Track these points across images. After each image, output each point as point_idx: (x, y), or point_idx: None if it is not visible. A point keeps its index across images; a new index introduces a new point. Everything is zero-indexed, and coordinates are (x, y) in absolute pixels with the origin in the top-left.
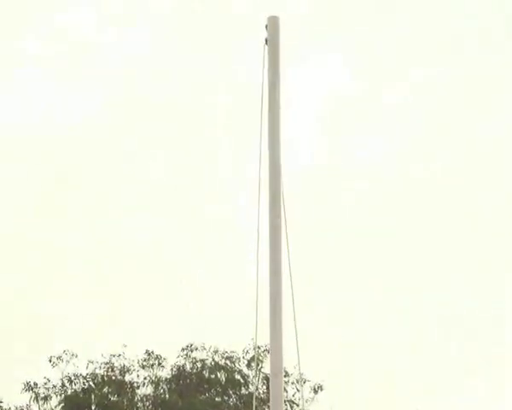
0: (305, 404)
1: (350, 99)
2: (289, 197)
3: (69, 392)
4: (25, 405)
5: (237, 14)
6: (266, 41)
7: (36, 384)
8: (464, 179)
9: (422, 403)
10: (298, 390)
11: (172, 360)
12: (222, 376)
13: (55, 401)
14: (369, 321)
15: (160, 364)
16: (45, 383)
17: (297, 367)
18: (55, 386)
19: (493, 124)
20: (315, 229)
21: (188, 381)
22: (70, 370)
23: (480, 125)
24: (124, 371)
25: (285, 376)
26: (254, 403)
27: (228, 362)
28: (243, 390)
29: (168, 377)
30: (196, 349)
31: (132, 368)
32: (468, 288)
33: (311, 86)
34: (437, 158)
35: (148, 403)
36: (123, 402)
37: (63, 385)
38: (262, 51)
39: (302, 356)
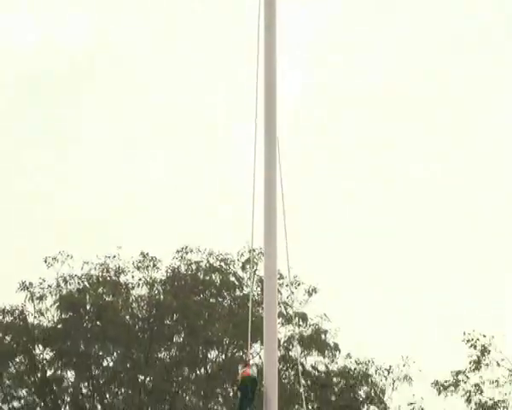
0: (299, 306)
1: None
2: (282, 118)
3: (64, 292)
4: (20, 304)
5: None
6: None
7: (31, 284)
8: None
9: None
10: (292, 293)
11: (167, 261)
12: (216, 278)
13: (50, 300)
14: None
15: (154, 265)
16: (41, 283)
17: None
18: (50, 286)
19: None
20: (308, 146)
21: (182, 282)
22: (65, 270)
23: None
24: (119, 272)
25: (279, 279)
26: (251, 306)
27: (223, 264)
28: (237, 292)
29: (163, 278)
30: (191, 251)
31: (127, 269)
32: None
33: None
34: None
35: (142, 304)
36: (117, 303)
37: (58, 285)
38: None
39: (296, 260)
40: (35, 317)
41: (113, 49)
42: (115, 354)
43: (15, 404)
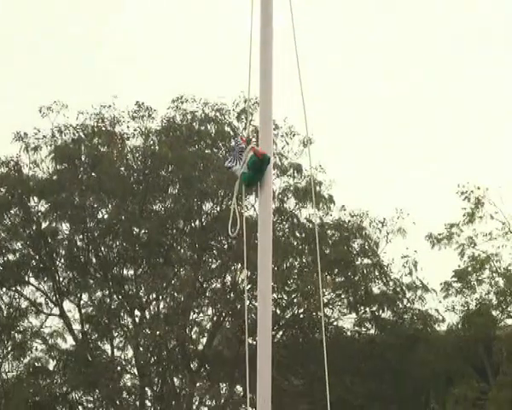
0: (294, 157)
1: None
2: None
3: (59, 143)
4: (15, 155)
5: None
6: None
7: (26, 134)
8: None
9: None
10: (287, 143)
11: (163, 111)
12: (212, 128)
13: (45, 151)
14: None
15: (150, 115)
16: (35, 134)
17: (287, 120)
18: (45, 136)
19: None
20: None
21: (178, 133)
22: (60, 121)
23: None
24: (114, 122)
25: (274, 129)
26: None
27: (218, 114)
28: (232, 143)
29: (158, 128)
30: (186, 101)
31: (122, 119)
32: None
33: None
34: None
35: (137, 155)
36: (112, 153)
37: (53, 136)
38: None
39: (291, 110)
40: (30, 168)
41: None
42: (110, 206)
43: (10, 257)
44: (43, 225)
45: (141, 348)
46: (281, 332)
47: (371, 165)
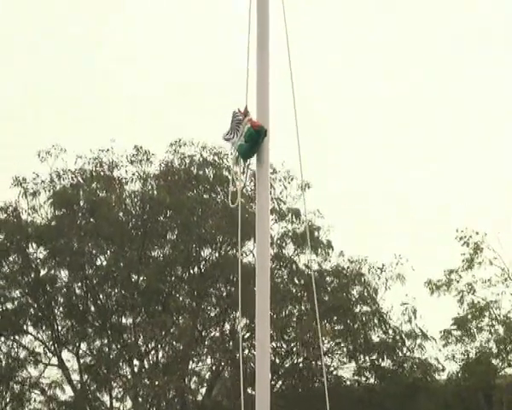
0: (293, 201)
1: None
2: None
3: (58, 187)
4: (13, 200)
5: None
6: None
7: (25, 180)
8: None
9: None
10: (285, 188)
11: (161, 155)
12: (210, 172)
13: (43, 196)
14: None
15: (148, 159)
16: (34, 179)
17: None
18: (43, 181)
19: None
20: None
21: (176, 177)
22: (59, 165)
23: None
24: (112, 166)
25: (272, 173)
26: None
27: (216, 158)
28: (231, 187)
29: (156, 172)
30: (185, 145)
31: (121, 164)
32: None
33: None
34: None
35: (136, 200)
36: (111, 198)
37: (52, 181)
38: None
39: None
40: (29, 214)
41: None
42: (108, 252)
43: (9, 306)
44: (42, 273)
45: (140, 399)
46: (280, 382)
47: (370, 210)
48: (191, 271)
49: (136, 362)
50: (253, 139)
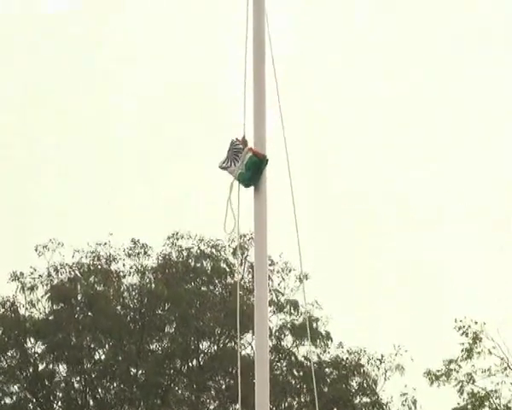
0: (291, 293)
1: None
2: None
3: (55, 282)
4: (11, 295)
5: None
6: None
7: (22, 274)
8: None
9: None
10: (283, 279)
11: (158, 248)
12: (207, 265)
13: (41, 290)
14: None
15: (145, 253)
16: (31, 273)
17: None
18: (41, 276)
19: None
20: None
21: (174, 270)
22: (56, 259)
23: None
24: (110, 260)
25: (270, 265)
26: (238, 291)
27: (213, 251)
28: (229, 279)
29: (154, 265)
30: (182, 238)
31: (118, 257)
32: None
33: None
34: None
35: (134, 293)
36: (109, 292)
37: (49, 275)
38: None
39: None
40: (26, 308)
41: None
42: (107, 345)
43: (7, 401)
44: (40, 367)
45: None
46: None
47: (368, 299)
48: (190, 364)
49: None
50: (255, 167)
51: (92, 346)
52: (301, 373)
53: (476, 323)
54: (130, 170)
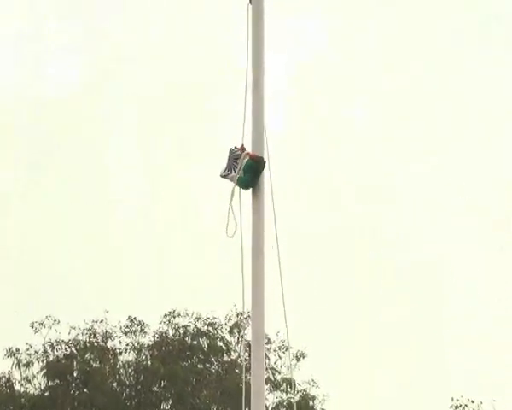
0: (287, 371)
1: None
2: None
3: (51, 358)
4: (7, 371)
5: None
6: (250, 0)
7: (18, 350)
8: None
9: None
10: (280, 358)
11: (155, 326)
12: (204, 342)
13: (37, 367)
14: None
15: (142, 330)
16: (27, 349)
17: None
18: (37, 352)
19: None
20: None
21: (170, 348)
22: (52, 336)
23: None
24: (106, 337)
25: (267, 343)
26: (244, 371)
27: (210, 329)
28: (225, 357)
29: (150, 343)
30: (179, 315)
31: (114, 334)
32: None
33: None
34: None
35: (130, 370)
36: (105, 369)
37: (45, 351)
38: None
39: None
40: (22, 384)
41: None
42: None
43: None
44: None
45: None
46: None
47: (364, 377)
48: None
49: None
50: (252, 169)
51: None
52: None
53: (473, 402)
54: (128, 248)
